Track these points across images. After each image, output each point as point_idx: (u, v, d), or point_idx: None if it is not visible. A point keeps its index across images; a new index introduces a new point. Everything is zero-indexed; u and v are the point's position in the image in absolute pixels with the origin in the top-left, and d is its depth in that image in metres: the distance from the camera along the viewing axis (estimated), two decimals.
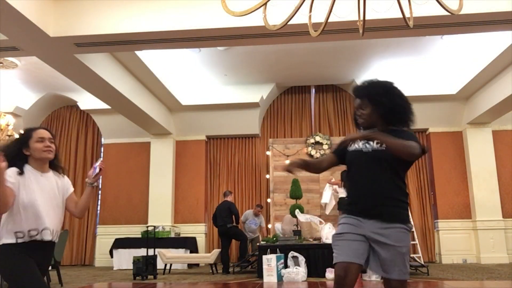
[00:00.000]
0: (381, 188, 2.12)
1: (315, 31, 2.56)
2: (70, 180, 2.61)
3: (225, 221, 8.36)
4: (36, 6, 5.42)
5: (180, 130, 10.92)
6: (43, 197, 2.36)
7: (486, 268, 8.08)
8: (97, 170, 2.54)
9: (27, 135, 2.43)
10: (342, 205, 7.74)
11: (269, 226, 9.89)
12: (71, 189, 2.58)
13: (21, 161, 2.38)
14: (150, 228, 8.58)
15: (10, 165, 2.29)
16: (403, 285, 2.08)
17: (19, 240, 2.27)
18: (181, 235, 10.13)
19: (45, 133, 2.44)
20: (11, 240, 2.27)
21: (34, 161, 2.41)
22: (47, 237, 2.34)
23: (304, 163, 2.36)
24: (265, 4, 2.46)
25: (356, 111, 2.30)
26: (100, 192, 11.00)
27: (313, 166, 2.42)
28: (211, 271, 8.09)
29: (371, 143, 2.18)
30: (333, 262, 2.12)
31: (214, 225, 8.93)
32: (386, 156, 2.11)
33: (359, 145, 2.22)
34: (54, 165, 2.52)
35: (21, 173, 2.33)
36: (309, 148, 9.90)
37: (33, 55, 6.55)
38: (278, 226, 8.40)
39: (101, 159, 2.51)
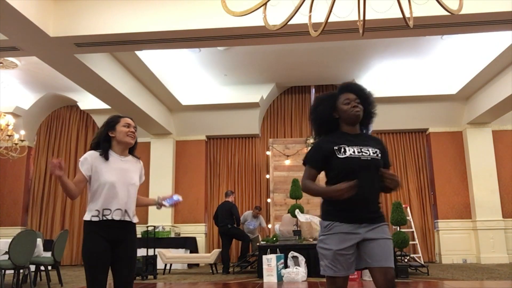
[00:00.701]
0: (375, 195, 2.24)
1: (315, 31, 2.56)
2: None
3: (226, 221, 8.37)
4: (36, 6, 5.42)
5: (180, 130, 10.92)
6: (120, 180, 2.57)
7: (486, 268, 8.08)
8: (174, 200, 2.76)
9: (116, 119, 2.69)
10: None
11: (269, 226, 9.89)
12: (143, 178, 2.80)
13: (107, 143, 2.64)
14: (150, 228, 8.58)
15: (96, 147, 2.65)
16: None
17: (93, 219, 2.49)
18: (181, 235, 10.13)
19: (131, 121, 2.71)
20: (88, 217, 2.50)
21: (116, 144, 2.65)
22: (117, 217, 2.53)
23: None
24: (265, 4, 2.46)
25: (350, 102, 2.30)
26: None
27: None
28: (211, 271, 8.09)
29: (368, 151, 2.23)
30: (330, 275, 2.19)
31: (215, 225, 8.94)
32: (380, 165, 2.24)
33: (354, 152, 2.22)
34: (133, 152, 2.76)
35: (106, 158, 2.58)
36: (309, 148, 9.90)
37: (33, 55, 6.55)
38: (277, 227, 8.39)
39: (180, 198, 2.65)
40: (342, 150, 2.23)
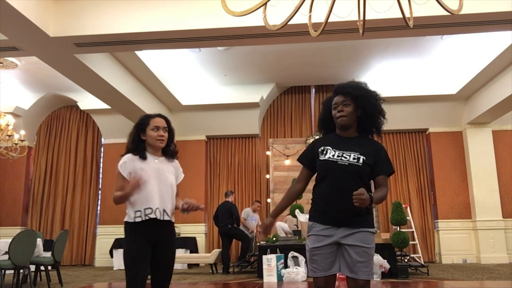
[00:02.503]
0: (350, 200, 2.15)
1: (315, 31, 2.56)
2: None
3: (226, 221, 8.38)
4: (36, 6, 5.42)
5: (180, 130, 10.90)
6: (157, 180, 2.58)
7: (486, 268, 8.08)
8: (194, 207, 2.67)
9: (145, 121, 2.66)
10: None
11: None
12: (182, 176, 2.82)
13: (141, 144, 2.65)
14: None
15: (132, 148, 2.64)
16: (368, 284, 2.16)
17: (137, 219, 2.51)
18: (181, 235, 10.12)
19: (160, 122, 2.66)
20: (131, 219, 2.53)
21: (149, 146, 2.66)
22: (158, 215, 2.54)
23: (274, 214, 2.42)
24: (265, 4, 2.46)
25: (337, 107, 2.28)
26: (100, 192, 11.00)
27: (286, 204, 2.41)
28: (211, 271, 8.09)
29: (347, 156, 2.20)
30: (311, 275, 2.23)
31: (215, 225, 8.93)
32: (361, 171, 2.19)
33: (333, 155, 2.23)
34: (167, 152, 2.74)
35: (143, 158, 2.60)
36: None
37: (33, 55, 6.55)
38: (281, 225, 8.35)
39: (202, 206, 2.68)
40: (325, 152, 2.25)
